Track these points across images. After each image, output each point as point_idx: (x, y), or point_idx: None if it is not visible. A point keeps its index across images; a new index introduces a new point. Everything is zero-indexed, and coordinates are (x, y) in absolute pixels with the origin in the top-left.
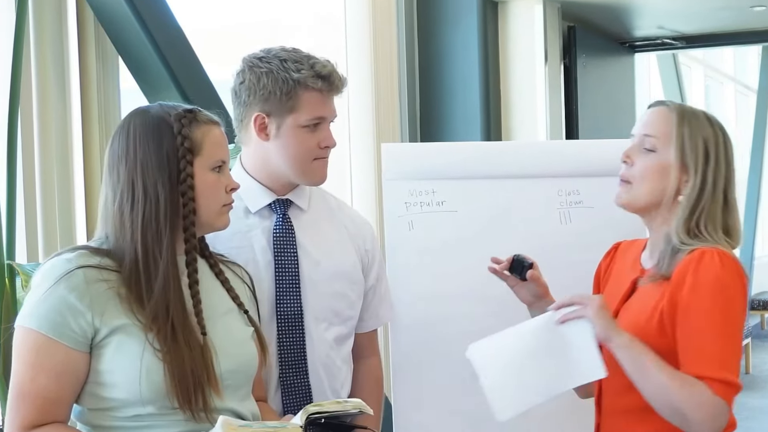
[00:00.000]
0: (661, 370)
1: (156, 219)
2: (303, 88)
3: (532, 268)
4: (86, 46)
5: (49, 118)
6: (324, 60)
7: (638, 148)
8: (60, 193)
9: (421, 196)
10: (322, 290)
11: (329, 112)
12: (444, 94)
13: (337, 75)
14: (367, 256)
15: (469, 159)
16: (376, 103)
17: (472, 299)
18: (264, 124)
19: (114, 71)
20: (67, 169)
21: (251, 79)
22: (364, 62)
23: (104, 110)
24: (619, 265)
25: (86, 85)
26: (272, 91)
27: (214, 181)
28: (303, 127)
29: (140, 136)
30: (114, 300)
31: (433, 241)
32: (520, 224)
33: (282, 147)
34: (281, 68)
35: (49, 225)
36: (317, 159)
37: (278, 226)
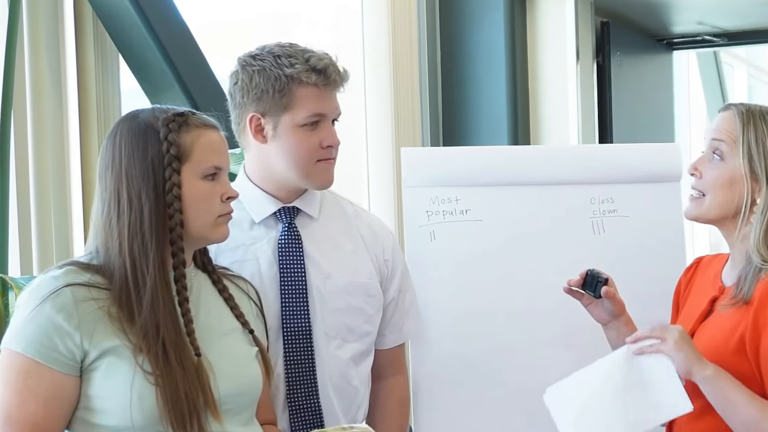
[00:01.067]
0: (751, 404)
1: (141, 231)
2: (297, 84)
3: (607, 284)
4: (84, 44)
5: (44, 122)
6: (321, 53)
7: (707, 157)
8: (56, 202)
9: (444, 204)
10: (334, 305)
11: (329, 109)
12: (468, 95)
13: (335, 68)
14: (387, 266)
15: (496, 164)
16: (396, 105)
17: (499, 315)
18: (260, 126)
19: (114, 71)
20: (63, 176)
21: (243, 78)
22: (382, 60)
23: (103, 113)
24: (699, 281)
25: (84, 86)
26: (265, 89)
27: (206, 190)
28: (301, 126)
29: (126, 142)
30: (104, 320)
31: (456, 252)
32: (549, 235)
33: (281, 149)
34: (274, 65)
35: (44, 236)
36: (321, 160)
37: (284, 236)
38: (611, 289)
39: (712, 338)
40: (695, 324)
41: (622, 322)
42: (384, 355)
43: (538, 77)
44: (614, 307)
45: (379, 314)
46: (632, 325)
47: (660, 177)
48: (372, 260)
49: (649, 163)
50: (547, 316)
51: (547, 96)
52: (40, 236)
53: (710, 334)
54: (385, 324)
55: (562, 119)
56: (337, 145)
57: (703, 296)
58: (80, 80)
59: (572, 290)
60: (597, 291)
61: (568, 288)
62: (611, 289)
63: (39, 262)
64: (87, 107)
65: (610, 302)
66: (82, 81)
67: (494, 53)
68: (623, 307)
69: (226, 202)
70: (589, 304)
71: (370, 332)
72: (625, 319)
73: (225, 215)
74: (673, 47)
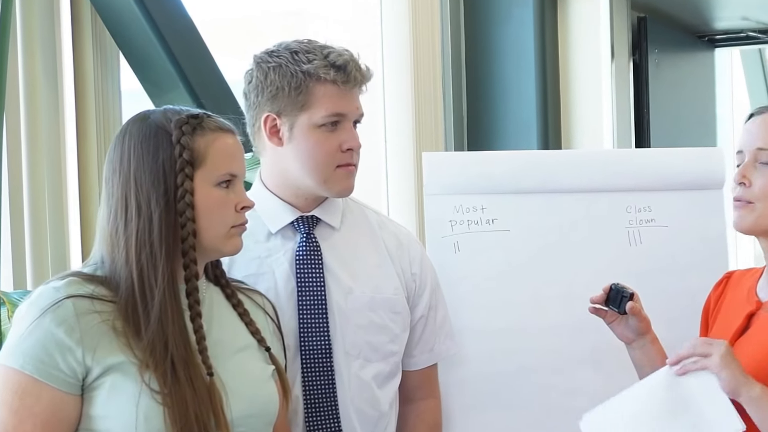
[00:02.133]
0: None
1: (150, 241)
2: (315, 81)
3: (633, 300)
4: (82, 41)
5: (38, 126)
6: (341, 49)
7: (752, 164)
8: (51, 212)
9: (469, 213)
10: (356, 322)
11: (350, 109)
12: (494, 96)
13: (356, 65)
14: (414, 281)
15: (524, 170)
16: (417, 106)
17: (528, 333)
18: (275, 127)
19: (114, 70)
20: (59, 183)
21: (258, 76)
22: (402, 59)
23: (102, 116)
24: (731, 296)
25: (82, 87)
26: (280, 86)
27: (220, 199)
28: (319, 127)
29: (135, 145)
30: (108, 334)
31: (482, 265)
32: (582, 246)
33: (297, 152)
34: (291, 61)
35: (39, 248)
36: (341, 166)
37: (302, 247)
38: (636, 305)
39: (751, 354)
40: (731, 341)
41: (647, 340)
42: (413, 377)
43: (569, 77)
44: (639, 325)
45: (405, 333)
46: (658, 344)
47: (701, 184)
48: (398, 274)
49: (690, 169)
50: (581, 332)
51: (580, 97)
52: (34, 248)
53: (750, 351)
54: (414, 343)
55: (596, 122)
56: (358, 149)
57: (737, 312)
58: (77, 80)
59: (596, 308)
60: (621, 307)
61: (593, 307)
62: (636, 305)
63: (33, 275)
64: (84, 109)
65: (635, 319)
66: (80, 81)
67: (523, 51)
68: (649, 325)
69: (241, 212)
70: (612, 321)
71: (396, 352)
72: (651, 337)
73: (239, 226)
74: (716, 44)
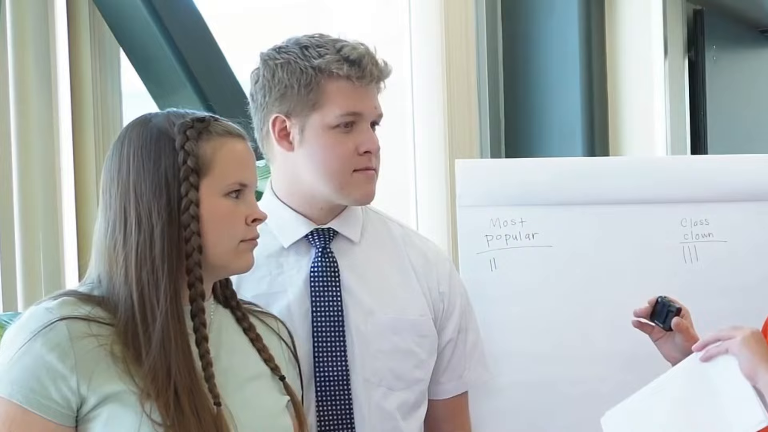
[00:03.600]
0: None
1: (151, 257)
2: (326, 77)
3: (680, 315)
4: (78, 36)
5: (30, 130)
6: (356, 42)
7: None
8: (44, 226)
9: (507, 227)
10: (377, 346)
11: (365, 108)
12: (535, 97)
13: (372, 59)
14: (443, 301)
15: (568, 180)
16: (449, 108)
17: (572, 359)
18: (285, 129)
19: (114, 68)
20: (53, 195)
21: (265, 75)
22: (433, 56)
23: (101, 119)
24: None
25: (78, 87)
26: (289, 84)
27: (228, 210)
28: (332, 128)
29: (135, 151)
30: (106, 360)
31: (521, 284)
32: (632, 263)
33: (310, 156)
34: (300, 56)
35: (31, 265)
36: (359, 170)
37: (317, 264)
38: (684, 321)
39: None
40: None
41: None
42: (441, 407)
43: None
44: (686, 344)
45: (432, 358)
46: None
47: (764, 194)
48: (424, 293)
49: (751, 178)
50: (631, 360)
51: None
52: (25, 266)
53: None
54: (442, 370)
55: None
56: (377, 152)
57: None
58: (73, 80)
59: (641, 323)
60: (667, 322)
61: (637, 321)
62: (684, 322)
63: (24, 296)
64: (81, 113)
65: (682, 337)
66: (76, 81)
67: (566, 47)
68: None
69: (252, 225)
70: (658, 339)
71: (422, 379)
72: None
73: (249, 241)
74: None
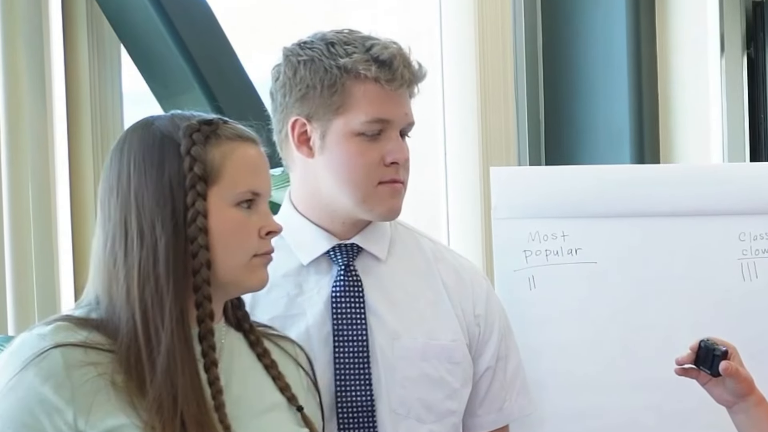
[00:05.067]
0: None
1: (154, 274)
2: (353, 78)
3: (727, 358)
4: (75, 32)
5: (22, 135)
6: (387, 41)
7: None
8: (38, 242)
9: (547, 241)
10: (405, 374)
11: (395, 114)
12: (578, 99)
13: (405, 60)
14: (478, 324)
15: (614, 189)
16: (483, 112)
17: (619, 386)
18: (305, 134)
19: (114, 67)
20: (47, 208)
21: (286, 72)
22: (465, 53)
23: (100, 123)
24: None
25: (75, 87)
26: (311, 84)
27: (240, 221)
28: (357, 135)
29: (136, 157)
30: (106, 391)
31: (563, 305)
32: (685, 282)
33: (331, 164)
34: (325, 54)
35: (23, 285)
36: (385, 182)
37: (339, 283)
38: (732, 364)
39: None
40: None
41: (751, 403)
42: None
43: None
44: (738, 386)
45: (466, 388)
46: (765, 405)
47: None
48: (458, 316)
49: None
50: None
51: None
52: (17, 286)
53: None
54: (479, 401)
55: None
56: (405, 163)
57: None
58: (69, 80)
59: (685, 370)
60: (714, 368)
61: (680, 369)
62: (732, 365)
63: (16, 318)
64: (78, 116)
65: (733, 380)
66: (72, 81)
67: (613, 44)
68: (751, 385)
69: (266, 239)
70: (706, 383)
71: (454, 411)
72: (756, 399)
73: (263, 255)
74: None
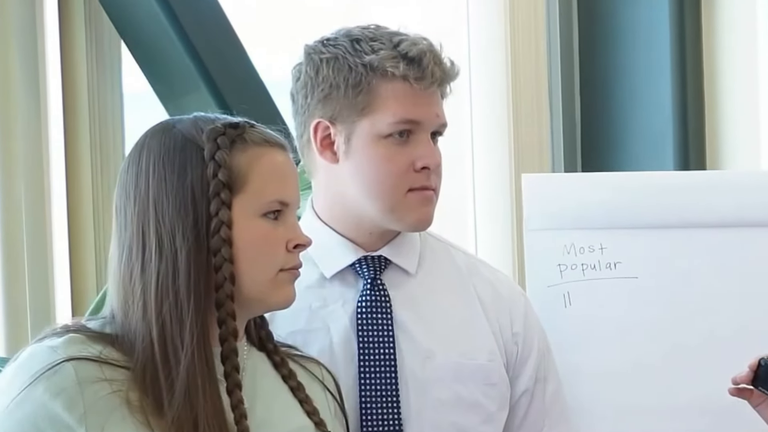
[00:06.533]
0: None
1: (174, 288)
2: (379, 77)
3: None
4: (72, 28)
5: (14, 139)
6: (417, 37)
7: None
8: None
9: (584, 254)
10: (436, 396)
11: (426, 115)
12: (617, 100)
13: (435, 57)
14: (516, 343)
15: (657, 198)
16: (514, 115)
17: (664, 410)
18: (328, 137)
19: (114, 66)
20: (41, 216)
21: (308, 71)
22: (495, 52)
23: (99, 126)
24: None
25: (72, 88)
26: (335, 84)
27: (266, 233)
28: (385, 138)
29: (155, 162)
30: (120, 410)
31: (602, 323)
32: (736, 299)
33: (357, 170)
34: (350, 51)
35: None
36: (415, 189)
37: (365, 298)
38: None
39: None
40: None
41: None
42: None
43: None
44: None
45: (503, 411)
46: None
47: None
48: (494, 333)
49: None
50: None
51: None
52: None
53: None
54: (516, 426)
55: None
56: (437, 168)
57: None
58: (65, 79)
59: (738, 389)
60: None
61: (735, 388)
62: None
63: (8, 337)
64: (75, 118)
65: None
66: (69, 80)
67: (655, 41)
68: None
69: (293, 252)
70: (760, 404)
71: None
72: None
73: (290, 270)
74: None
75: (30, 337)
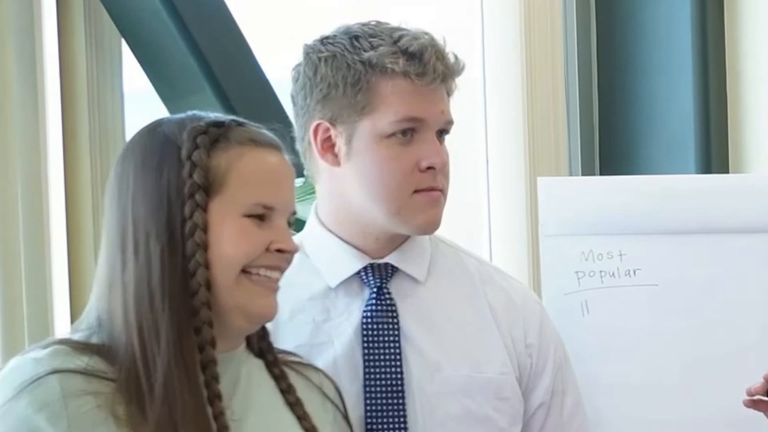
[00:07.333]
0: None
1: (149, 291)
2: (379, 74)
3: None
4: (70, 25)
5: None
6: (418, 31)
7: None
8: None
9: (602, 261)
10: (446, 411)
11: (429, 112)
12: (636, 101)
13: (437, 52)
14: (530, 355)
15: (678, 203)
16: (530, 115)
17: (685, 423)
18: (329, 139)
19: (114, 64)
20: (39, 220)
21: (307, 71)
22: (510, 50)
23: (98, 127)
24: None
25: (70, 87)
26: (333, 83)
27: (245, 235)
28: (387, 137)
29: (136, 164)
30: (106, 425)
31: (620, 332)
32: (759, 308)
33: (359, 172)
34: (349, 48)
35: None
36: (421, 190)
37: (371, 309)
38: None
39: None
40: None
41: None
42: None
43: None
44: None
45: (516, 427)
46: None
47: None
48: (506, 345)
49: None
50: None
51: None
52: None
53: None
54: None
55: None
56: (443, 168)
57: None
58: (64, 78)
59: (753, 401)
60: None
61: (749, 400)
62: None
63: (4, 346)
64: (74, 119)
65: None
66: (67, 79)
67: (676, 39)
68: None
69: (277, 255)
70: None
71: None
72: None
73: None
74: None
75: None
